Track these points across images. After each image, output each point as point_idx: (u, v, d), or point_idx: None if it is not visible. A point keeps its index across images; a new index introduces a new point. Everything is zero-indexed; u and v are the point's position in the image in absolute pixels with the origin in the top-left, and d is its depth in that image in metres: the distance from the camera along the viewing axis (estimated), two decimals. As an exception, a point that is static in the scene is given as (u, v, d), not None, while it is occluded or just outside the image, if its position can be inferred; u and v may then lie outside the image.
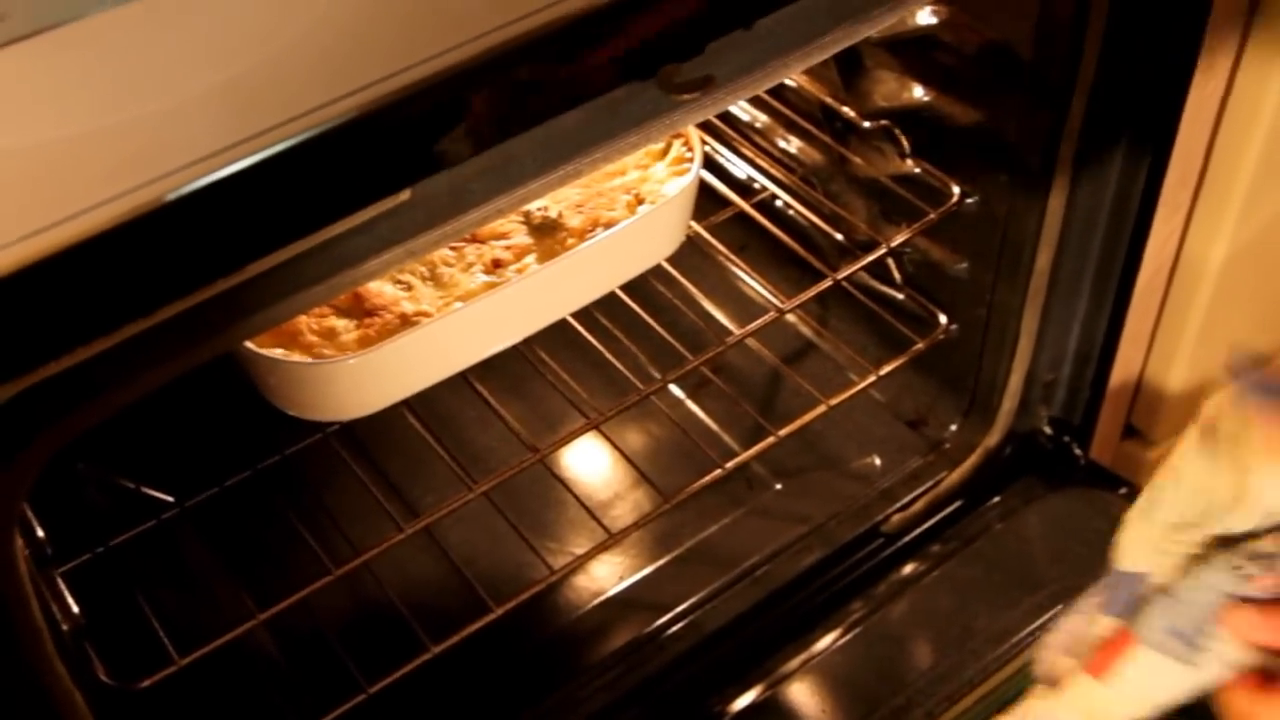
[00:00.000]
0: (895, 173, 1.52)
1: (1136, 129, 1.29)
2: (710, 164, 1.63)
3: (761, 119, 1.70)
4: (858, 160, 1.57)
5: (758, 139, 1.72)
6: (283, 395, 1.23)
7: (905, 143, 1.50)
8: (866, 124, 1.53)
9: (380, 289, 1.22)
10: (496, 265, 1.25)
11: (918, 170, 1.49)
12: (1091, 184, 1.30)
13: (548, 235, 1.27)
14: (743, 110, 1.72)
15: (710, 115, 0.99)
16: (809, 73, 1.56)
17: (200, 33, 0.71)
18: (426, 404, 1.37)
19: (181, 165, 0.72)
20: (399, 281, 1.23)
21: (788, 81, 1.60)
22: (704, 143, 1.37)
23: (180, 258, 0.76)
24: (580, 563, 1.39)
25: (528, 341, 1.37)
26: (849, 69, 1.50)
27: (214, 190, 0.73)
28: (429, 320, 1.20)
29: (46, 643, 0.88)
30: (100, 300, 0.74)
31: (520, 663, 1.36)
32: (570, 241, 1.27)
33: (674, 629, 1.41)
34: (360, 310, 1.21)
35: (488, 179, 0.87)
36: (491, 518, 1.38)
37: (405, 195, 0.82)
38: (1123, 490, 1.51)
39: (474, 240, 1.27)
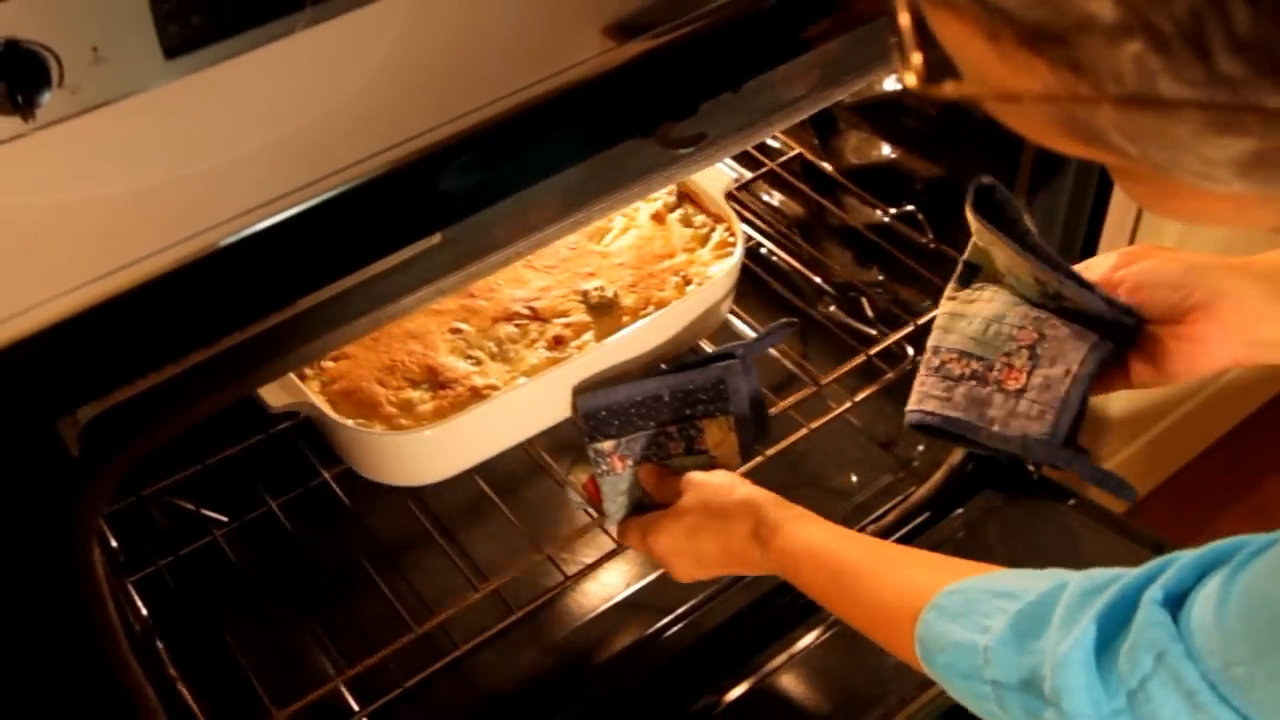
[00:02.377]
0: (867, 222, 1.53)
1: (1078, 183, 1.30)
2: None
3: (747, 175, 1.72)
4: (834, 211, 1.59)
5: (744, 194, 1.73)
6: (365, 464, 1.22)
7: (875, 195, 1.51)
8: (840, 179, 1.54)
9: (454, 364, 1.21)
10: (558, 342, 1.24)
11: (886, 219, 1.50)
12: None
13: (605, 313, 1.27)
14: (730, 168, 1.73)
15: (703, 168, 1.00)
16: (788, 133, 1.57)
17: (250, 101, 0.72)
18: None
19: (237, 214, 0.74)
20: (469, 357, 1.22)
21: (770, 142, 1.61)
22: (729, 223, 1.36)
23: (239, 294, 0.77)
24: (591, 570, 1.40)
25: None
26: (824, 130, 1.51)
27: (267, 235, 0.75)
28: (499, 393, 1.19)
29: (121, 639, 0.88)
30: (168, 332, 0.75)
31: (538, 659, 1.36)
32: (625, 319, 1.26)
33: (675, 629, 1.41)
34: (435, 383, 1.20)
35: (508, 224, 0.88)
36: (513, 533, 1.38)
37: (436, 239, 0.83)
38: (1071, 502, 1.51)
39: (537, 318, 1.26)
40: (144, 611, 1.19)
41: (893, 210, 1.50)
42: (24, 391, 0.71)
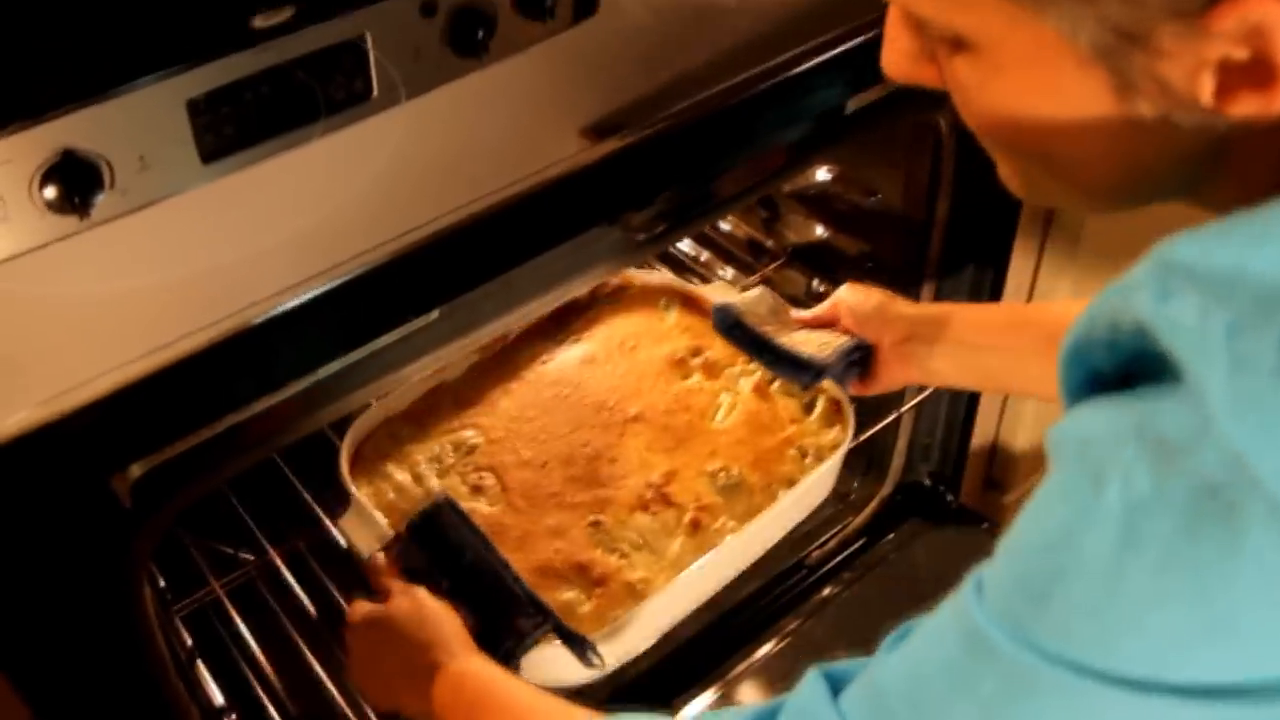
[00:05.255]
0: (806, 291, 1.54)
1: (979, 255, 1.32)
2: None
3: (705, 254, 1.73)
4: (776, 281, 1.59)
5: (701, 269, 1.74)
6: (527, 668, 1.06)
7: (811, 268, 1.53)
8: (783, 255, 1.55)
9: (603, 559, 1.13)
10: (695, 526, 1.16)
11: (823, 289, 1.51)
12: (949, 297, 1.33)
13: (735, 494, 1.20)
14: (689, 247, 1.74)
15: (661, 251, 1.00)
16: (737, 216, 1.58)
17: (275, 199, 0.73)
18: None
19: (263, 297, 0.74)
20: (614, 550, 1.14)
21: (723, 225, 1.63)
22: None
23: (265, 366, 0.77)
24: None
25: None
26: (769, 213, 1.52)
27: (290, 315, 0.75)
28: (656, 591, 1.10)
29: (169, 667, 0.88)
30: (206, 399, 0.76)
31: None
32: (756, 497, 1.19)
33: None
34: (588, 580, 1.12)
35: (496, 301, 0.88)
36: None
37: (434, 315, 0.84)
38: (985, 526, 1.52)
39: (670, 504, 1.18)
40: (189, 642, 1.18)
41: (825, 283, 1.51)
42: (82, 451, 0.72)
